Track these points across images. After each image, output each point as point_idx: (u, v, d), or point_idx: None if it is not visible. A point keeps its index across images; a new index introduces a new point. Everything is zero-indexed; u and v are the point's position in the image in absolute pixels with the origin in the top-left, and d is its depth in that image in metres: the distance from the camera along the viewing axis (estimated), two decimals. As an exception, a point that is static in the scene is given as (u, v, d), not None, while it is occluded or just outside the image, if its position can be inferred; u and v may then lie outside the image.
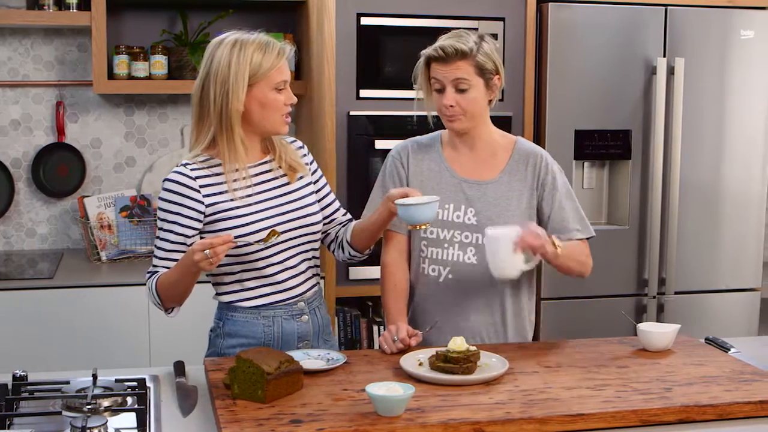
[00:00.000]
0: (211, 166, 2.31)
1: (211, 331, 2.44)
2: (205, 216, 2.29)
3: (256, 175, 2.35)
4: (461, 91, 2.38)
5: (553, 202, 2.46)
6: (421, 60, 2.43)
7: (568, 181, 2.52)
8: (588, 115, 3.65)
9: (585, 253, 2.47)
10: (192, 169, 2.29)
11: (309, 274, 2.43)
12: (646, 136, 3.71)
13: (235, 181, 2.30)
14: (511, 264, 2.29)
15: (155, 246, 2.32)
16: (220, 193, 2.30)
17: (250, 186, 2.33)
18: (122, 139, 3.97)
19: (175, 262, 2.27)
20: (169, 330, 3.29)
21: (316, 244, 2.45)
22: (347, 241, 2.46)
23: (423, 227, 2.26)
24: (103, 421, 1.77)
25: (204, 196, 2.28)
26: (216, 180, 2.30)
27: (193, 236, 2.29)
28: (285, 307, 2.37)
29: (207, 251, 2.09)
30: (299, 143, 2.50)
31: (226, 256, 2.20)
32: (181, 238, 2.28)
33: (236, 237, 2.21)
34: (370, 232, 2.42)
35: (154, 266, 2.31)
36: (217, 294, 2.40)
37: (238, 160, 2.29)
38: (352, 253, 2.47)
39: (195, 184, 2.28)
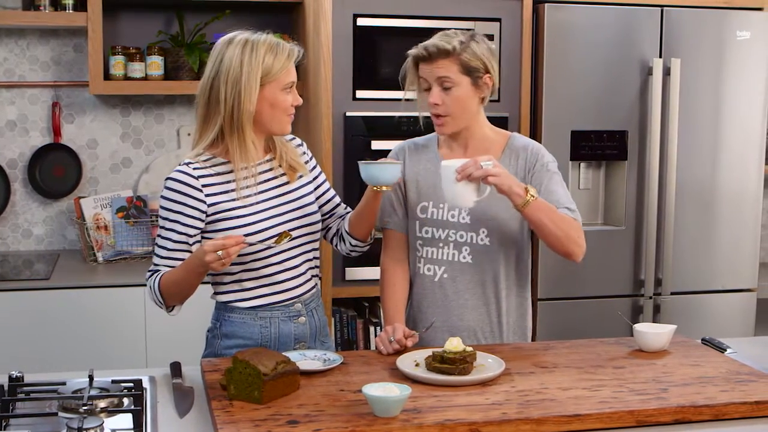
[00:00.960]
0: (214, 165, 2.31)
1: (208, 331, 2.44)
2: (207, 216, 2.29)
3: (258, 174, 2.35)
4: (446, 89, 2.39)
5: (542, 185, 2.43)
6: (409, 60, 2.45)
7: (561, 174, 2.50)
8: (584, 115, 3.65)
9: (573, 226, 2.38)
10: (194, 168, 2.28)
11: (308, 275, 2.42)
12: (643, 137, 3.71)
13: (245, 179, 2.30)
14: (458, 193, 2.29)
15: (156, 245, 2.32)
16: (223, 192, 2.30)
17: (248, 187, 2.32)
18: (118, 140, 3.97)
19: (177, 261, 2.27)
20: (166, 331, 3.28)
21: (316, 244, 2.45)
22: (346, 231, 2.45)
23: (384, 188, 2.26)
24: (99, 422, 1.77)
25: (206, 195, 2.28)
26: (218, 180, 2.30)
27: (195, 235, 2.29)
28: (282, 309, 2.37)
29: (219, 252, 2.09)
30: (298, 141, 2.50)
31: None
32: (183, 237, 2.28)
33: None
34: (362, 217, 2.40)
35: (156, 265, 2.31)
36: (215, 293, 2.39)
37: (249, 160, 2.29)
38: (353, 243, 2.45)
39: (197, 184, 2.27)
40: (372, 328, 3.67)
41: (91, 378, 2.01)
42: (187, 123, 4.00)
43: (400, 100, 3.48)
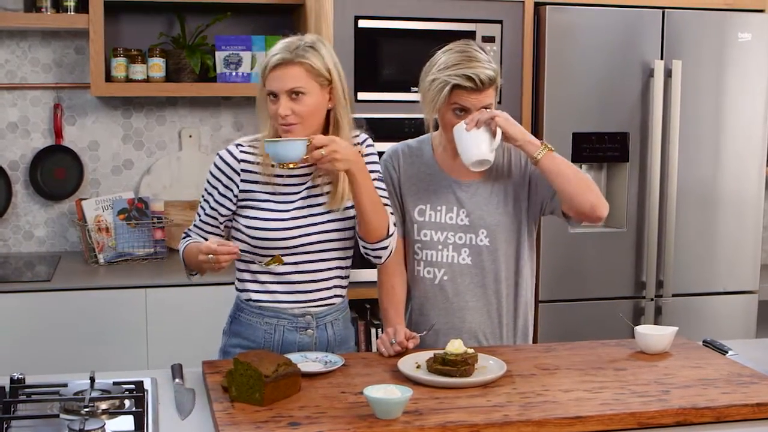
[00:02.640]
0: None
1: (225, 325, 2.46)
2: (238, 200, 2.31)
3: (300, 176, 2.34)
4: None
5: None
6: (448, 87, 2.32)
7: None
8: (585, 117, 3.65)
9: (591, 180, 2.39)
10: (241, 151, 2.33)
11: (327, 284, 2.37)
12: (644, 139, 3.71)
13: (261, 163, 2.30)
14: (473, 145, 2.32)
15: (196, 211, 2.39)
16: (261, 183, 2.31)
17: (290, 185, 2.32)
18: (120, 142, 3.97)
19: (204, 233, 2.34)
20: (167, 333, 3.29)
21: (345, 262, 2.40)
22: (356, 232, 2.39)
23: (291, 165, 2.19)
24: (100, 423, 1.77)
25: (242, 180, 2.31)
26: (261, 169, 2.31)
27: (227, 215, 2.33)
28: (290, 318, 2.35)
29: (210, 256, 2.12)
30: (363, 136, 2.41)
31: (244, 243, 2.28)
32: (213, 213, 2.33)
33: (254, 229, 2.26)
34: (358, 214, 2.30)
35: (189, 230, 2.40)
36: (236, 279, 2.42)
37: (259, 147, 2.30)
38: (361, 243, 2.35)
39: (237, 167, 2.31)
40: (373, 330, 3.67)
41: (92, 380, 2.01)
42: (188, 125, 4.01)
43: (401, 102, 3.50)
